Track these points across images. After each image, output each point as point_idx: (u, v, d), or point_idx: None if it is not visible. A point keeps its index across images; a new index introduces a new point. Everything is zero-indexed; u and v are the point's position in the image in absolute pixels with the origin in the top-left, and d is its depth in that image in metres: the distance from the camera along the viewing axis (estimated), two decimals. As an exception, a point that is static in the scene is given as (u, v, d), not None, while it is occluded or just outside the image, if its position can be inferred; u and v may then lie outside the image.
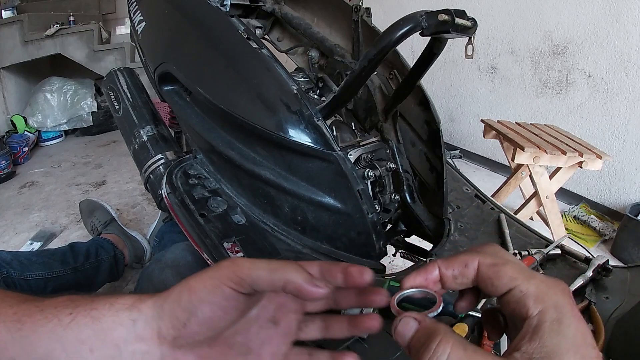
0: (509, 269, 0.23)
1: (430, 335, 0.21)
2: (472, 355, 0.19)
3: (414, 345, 0.22)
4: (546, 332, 0.20)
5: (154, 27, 0.83)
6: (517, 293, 0.22)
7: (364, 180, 0.62)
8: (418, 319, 0.23)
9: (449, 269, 0.25)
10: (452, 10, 0.47)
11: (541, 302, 0.21)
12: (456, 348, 0.20)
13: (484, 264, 0.24)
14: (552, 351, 0.19)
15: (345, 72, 0.73)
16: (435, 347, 0.20)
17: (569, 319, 0.20)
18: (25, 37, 2.68)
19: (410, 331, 0.22)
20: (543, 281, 0.22)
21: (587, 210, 1.71)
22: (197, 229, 0.56)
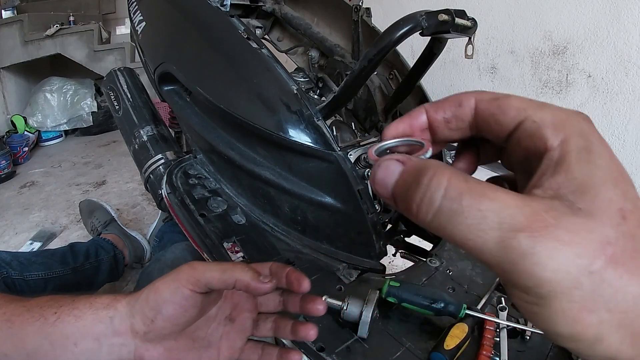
0: (514, 100, 0.18)
1: (420, 171, 0.16)
2: (476, 187, 0.15)
3: (399, 191, 0.17)
4: (574, 162, 0.15)
5: (154, 27, 0.83)
6: (529, 125, 0.17)
7: (364, 180, 0.62)
8: (402, 160, 0.17)
9: (439, 112, 0.20)
10: (452, 10, 0.47)
11: (562, 129, 0.16)
12: (456, 179, 0.15)
13: (482, 100, 0.19)
14: (585, 183, 0.15)
15: (345, 72, 0.73)
16: (427, 182, 0.16)
17: (600, 147, 0.16)
18: (25, 37, 2.68)
19: (394, 175, 0.17)
20: (559, 109, 0.17)
21: (587, 210, 1.71)
22: (197, 229, 0.56)
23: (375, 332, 0.46)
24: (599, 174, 0.15)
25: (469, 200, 0.15)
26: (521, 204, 0.14)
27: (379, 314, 0.49)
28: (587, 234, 0.14)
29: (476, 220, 0.14)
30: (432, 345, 0.46)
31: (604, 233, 0.14)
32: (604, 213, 0.14)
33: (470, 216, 0.14)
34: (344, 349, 0.43)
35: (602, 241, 0.14)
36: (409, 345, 0.46)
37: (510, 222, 0.14)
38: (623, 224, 0.14)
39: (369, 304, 0.45)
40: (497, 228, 0.14)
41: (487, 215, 0.14)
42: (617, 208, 0.14)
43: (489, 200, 0.14)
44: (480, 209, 0.14)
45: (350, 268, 0.57)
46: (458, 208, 0.15)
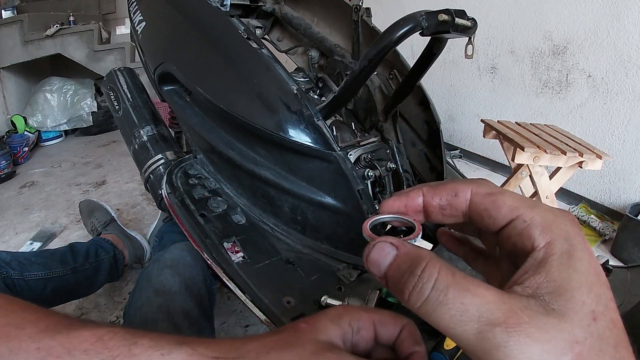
0: (508, 198, 0.19)
1: (414, 260, 0.18)
2: (461, 281, 0.16)
3: (392, 275, 0.18)
4: (555, 265, 0.17)
5: (154, 27, 0.83)
6: (519, 223, 0.18)
7: (364, 180, 0.62)
8: (395, 244, 0.19)
9: (436, 198, 0.21)
10: (452, 10, 0.47)
11: (549, 232, 0.18)
12: (444, 272, 0.17)
13: (478, 194, 0.20)
14: (561, 286, 0.16)
15: (345, 72, 0.73)
16: (420, 273, 0.17)
17: (581, 253, 0.17)
18: (25, 37, 2.68)
19: (388, 258, 0.18)
20: (549, 210, 0.19)
21: (587, 210, 1.71)
22: (197, 229, 0.56)
23: (375, 332, 0.46)
24: (576, 278, 0.16)
25: (454, 294, 0.16)
26: (499, 301, 0.16)
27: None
28: (557, 333, 0.15)
29: (459, 312, 0.16)
30: (432, 345, 0.46)
31: (574, 333, 0.15)
32: (575, 314, 0.16)
33: (454, 308, 0.16)
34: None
35: (571, 340, 0.15)
36: (409, 345, 0.46)
37: (488, 316, 0.15)
38: (593, 325, 0.16)
39: (369, 304, 0.45)
40: (476, 321, 0.16)
41: (469, 308, 0.16)
42: (589, 310, 0.16)
43: (471, 295, 0.16)
44: (462, 302, 0.16)
45: (350, 268, 0.57)
46: (444, 299, 0.16)
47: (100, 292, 1.11)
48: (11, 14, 2.90)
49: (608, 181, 1.68)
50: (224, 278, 0.50)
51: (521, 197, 0.19)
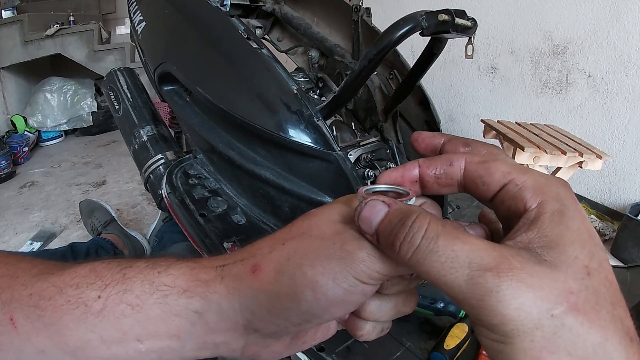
0: (500, 164, 0.19)
1: (405, 214, 0.18)
2: (451, 230, 0.17)
3: (383, 230, 0.18)
4: (546, 223, 0.17)
5: (154, 27, 0.83)
6: (512, 187, 0.19)
7: (364, 180, 0.62)
8: (387, 202, 0.19)
9: (431, 168, 0.21)
10: (452, 10, 0.47)
11: (540, 193, 0.18)
12: (434, 222, 0.17)
13: (472, 162, 0.20)
14: (553, 241, 0.16)
15: (345, 72, 0.73)
16: (410, 224, 0.17)
17: (573, 212, 0.17)
18: (25, 37, 2.68)
19: (379, 215, 0.19)
20: (541, 174, 0.19)
21: (587, 210, 1.71)
22: (197, 229, 0.56)
23: (375, 332, 0.46)
24: (568, 234, 0.16)
25: (444, 241, 0.16)
26: (490, 248, 0.16)
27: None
28: (550, 281, 0.15)
29: (449, 259, 0.16)
30: (432, 345, 0.46)
31: (567, 284, 0.15)
32: (568, 267, 0.15)
33: (444, 255, 0.16)
34: (344, 349, 0.44)
35: (565, 290, 0.15)
36: (409, 345, 0.46)
37: (479, 262, 0.15)
38: (587, 279, 0.15)
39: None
40: (466, 267, 0.16)
41: (459, 255, 0.16)
42: (582, 265, 0.16)
43: (461, 242, 0.16)
44: (453, 249, 0.16)
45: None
46: (434, 247, 0.16)
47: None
48: (11, 14, 2.90)
49: (608, 181, 1.68)
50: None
51: (514, 163, 0.20)
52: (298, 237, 0.21)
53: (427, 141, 0.24)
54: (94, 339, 0.21)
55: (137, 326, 0.21)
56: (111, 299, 0.21)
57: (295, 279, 0.20)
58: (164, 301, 0.21)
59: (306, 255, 0.20)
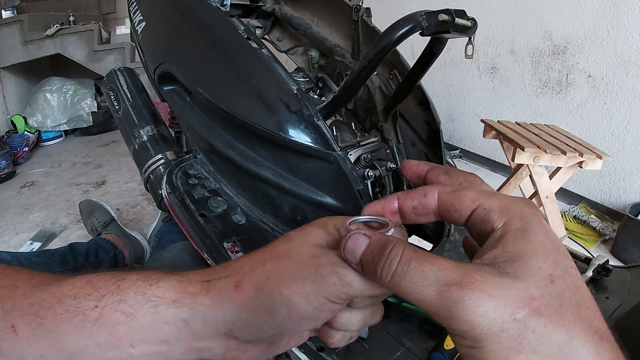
0: (469, 192, 0.22)
1: (383, 244, 0.20)
2: (422, 255, 0.19)
3: (366, 259, 0.21)
4: (510, 239, 0.19)
5: (154, 27, 0.83)
6: (480, 211, 0.21)
7: (364, 180, 0.62)
8: (368, 234, 0.22)
9: (408, 200, 0.24)
10: (452, 10, 0.47)
11: (505, 214, 0.20)
12: (407, 250, 0.20)
13: (444, 192, 0.23)
14: (516, 255, 0.18)
15: (345, 72, 0.73)
16: (388, 252, 0.20)
17: (536, 227, 0.19)
18: (25, 37, 2.68)
19: (361, 247, 0.21)
20: (506, 197, 0.21)
21: (587, 210, 1.71)
22: (197, 229, 0.56)
23: (375, 332, 0.46)
24: (530, 248, 0.18)
25: (415, 264, 0.19)
26: (455, 267, 0.18)
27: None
28: (512, 290, 0.17)
29: (420, 279, 0.18)
30: (432, 345, 0.46)
31: (530, 291, 0.17)
32: (531, 277, 0.17)
33: (416, 276, 0.19)
34: (344, 349, 0.43)
35: (527, 297, 0.17)
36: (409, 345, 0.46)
37: (445, 279, 0.18)
38: (550, 286, 0.17)
39: (369, 304, 0.45)
40: (435, 283, 0.18)
41: (428, 274, 0.18)
42: (545, 274, 0.17)
43: (429, 264, 0.19)
44: (423, 270, 0.18)
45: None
46: (407, 270, 0.19)
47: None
48: (11, 14, 2.90)
49: (608, 181, 1.68)
50: (224, 278, 0.50)
51: (482, 190, 0.22)
52: (278, 258, 0.24)
53: (413, 169, 0.27)
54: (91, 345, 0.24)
55: (130, 332, 0.24)
56: (107, 308, 0.24)
57: (273, 296, 0.22)
58: (155, 310, 0.24)
59: (284, 276, 0.23)
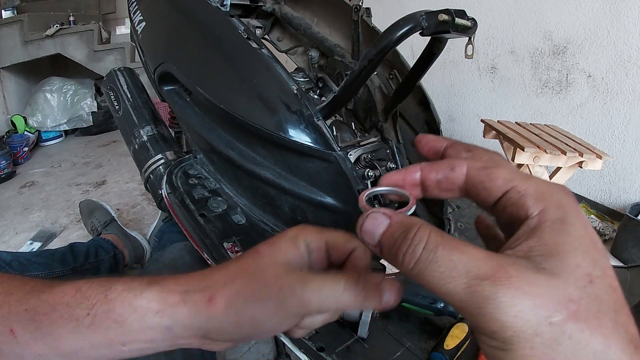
0: (502, 171, 0.19)
1: (406, 227, 0.19)
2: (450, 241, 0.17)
3: (386, 241, 0.19)
4: (547, 231, 0.17)
5: (154, 27, 0.83)
6: (514, 194, 0.19)
7: (364, 180, 0.62)
8: (388, 214, 0.20)
9: (433, 172, 0.21)
10: (452, 10, 0.47)
11: (542, 200, 0.18)
12: (434, 234, 0.18)
13: (474, 167, 0.20)
14: (554, 249, 0.16)
15: (345, 72, 0.73)
16: (412, 236, 0.18)
17: (575, 219, 0.17)
18: (25, 37, 2.68)
19: (381, 227, 0.20)
20: (543, 181, 0.19)
21: (587, 210, 1.71)
22: (197, 229, 0.56)
23: (375, 332, 0.46)
24: (569, 242, 0.16)
25: (442, 252, 0.17)
26: (487, 258, 0.16)
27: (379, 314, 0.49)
28: (549, 289, 0.15)
29: (448, 269, 0.16)
30: (432, 345, 0.46)
31: (568, 291, 0.15)
32: (569, 275, 0.16)
33: (443, 265, 0.17)
34: (344, 349, 0.44)
35: (565, 298, 0.15)
36: (409, 345, 0.46)
37: (476, 271, 0.16)
38: (589, 286, 0.15)
39: (369, 304, 0.45)
40: (464, 276, 0.16)
41: (457, 264, 0.16)
42: (584, 273, 0.16)
43: (459, 253, 0.17)
44: (451, 259, 0.17)
45: (350, 268, 0.57)
46: (433, 258, 0.17)
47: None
48: (11, 14, 2.90)
49: (608, 181, 1.68)
50: (224, 278, 0.50)
51: (516, 170, 0.20)
52: (246, 277, 0.26)
53: (430, 144, 0.24)
54: (86, 345, 0.27)
55: (121, 336, 0.26)
56: (98, 316, 0.26)
57: (240, 313, 0.25)
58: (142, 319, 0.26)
59: (250, 295, 0.25)
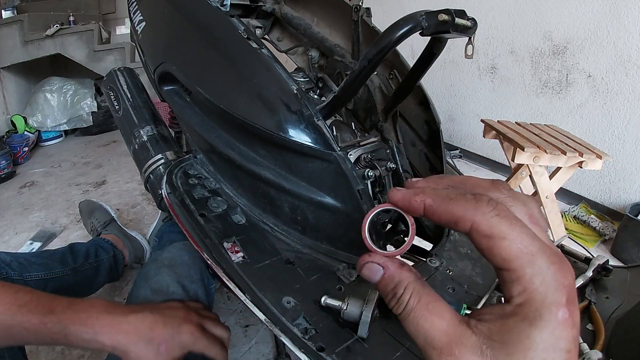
0: (504, 247, 0.20)
1: (396, 285, 0.23)
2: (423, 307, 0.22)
3: (381, 288, 0.24)
4: (511, 325, 0.19)
5: (154, 27, 0.83)
6: (507, 275, 0.20)
7: (364, 180, 0.62)
8: (382, 265, 0.24)
9: (436, 214, 0.22)
10: (452, 10, 0.47)
11: (525, 296, 0.19)
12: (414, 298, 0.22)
13: (477, 232, 0.20)
14: (507, 344, 0.19)
15: (345, 72, 0.73)
16: (399, 296, 0.23)
17: (545, 322, 0.19)
18: (25, 37, 2.68)
19: (376, 276, 0.24)
20: (542, 271, 0.19)
21: (587, 210, 1.71)
22: (197, 229, 0.56)
23: (375, 332, 0.46)
24: (525, 343, 0.19)
25: (413, 317, 0.22)
26: (444, 332, 0.21)
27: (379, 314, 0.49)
28: None
29: (415, 329, 0.22)
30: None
31: None
32: None
33: (412, 325, 0.22)
34: (344, 349, 0.43)
35: None
36: (409, 345, 0.46)
37: (430, 341, 0.21)
38: None
39: (369, 304, 0.45)
40: (423, 339, 0.21)
41: (420, 330, 0.22)
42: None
43: (424, 321, 0.21)
44: (418, 324, 0.22)
45: (350, 268, 0.57)
46: (408, 318, 0.22)
47: (100, 293, 1.11)
48: (11, 14, 2.91)
49: (608, 181, 1.68)
50: (224, 278, 0.50)
51: (519, 245, 0.20)
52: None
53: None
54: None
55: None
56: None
57: None
58: None
59: None
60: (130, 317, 0.49)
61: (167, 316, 0.53)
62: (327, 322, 0.46)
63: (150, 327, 0.50)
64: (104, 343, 0.47)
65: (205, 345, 0.54)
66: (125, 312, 0.50)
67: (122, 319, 0.49)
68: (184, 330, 0.52)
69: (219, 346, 0.56)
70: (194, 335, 0.53)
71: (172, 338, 0.51)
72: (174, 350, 0.51)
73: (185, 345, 0.52)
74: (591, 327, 0.51)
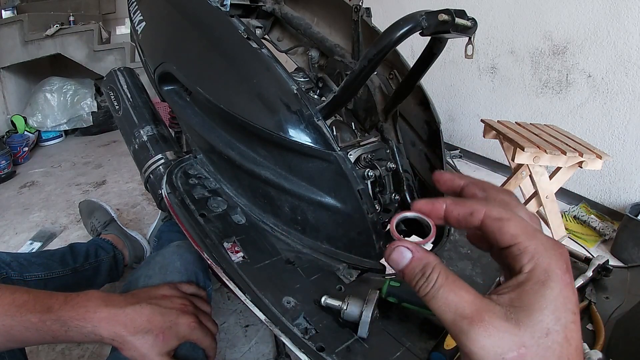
0: (512, 226, 0.24)
1: (424, 265, 0.25)
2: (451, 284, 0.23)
3: (408, 272, 0.25)
4: (528, 288, 0.22)
5: (154, 27, 0.83)
6: (515, 250, 0.23)
7: (364, 180, 0.62)
8: (411, 248, 0.26)
9: (455, 211, 0.27)
10: (452, 10, 0.47)
11: (534, 262, 0.23)
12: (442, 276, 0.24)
13: (489, 217, 0.25)
14: (527, 305, 0.22)
15: (345, 72, 0.73)
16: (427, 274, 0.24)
17: (554, 283, 0.22)
18: (25, 37, 2.68)
19: (404, 260, 0.25)
20: (542, 243, 0.23)
21: (587, 210, 1.71)
22: (197, 228, 0.56)
23: (375, 332, 0.46)
24: (541, 302, 0.21)
25: (443, 292, 0.23)
26: (472, 302, 0.22)
27: (379, 314, 0.49)
28: (509, 335, 0.21)
29: (444, 304, 0.23)
30: (432, 345, 0.46)
31: (523, 339, 0.21)
32: (529, 327, 0.21)
33: (441, 300, 0.23)
34: (344, 349, 0.43)
35: (519, 343, 0.21)
36: (409, 345, 0.46)
37: (461, 311, 0.22)
38: (544, 338, 0.21)
39: (369, 304, 0.45)
40: (453, 312, 0.23)
41: (450, 303, 0.23)
42: (544, 327, 0.21)
43: (453, 294, 0.23)
44: (447, 298, 0.23)
45: (350, 268, 0.57)
46: (437, 294, 0.24)
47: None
48: (11, 14, 2.91)
49: (608, 181, 1.68)
50: (224, 278, 0.50)
51: (524, 225, 0.24)
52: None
53: (448, 184, 0.30)
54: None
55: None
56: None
57: None
58: None
59: None
60: (127, 309, 0.50)
61: (164, 307, 0.53)
62: (327, 322, 0.46)
63: (148, 319, 0.50)
64: (102, 335, 0.48)
65: (200, 336, 0.55)
66: (122, 304, 0.50)
67: (119, 311, 0.49)
68: (181, 322, 0.53)
69: (211, 338, 0.57)
70: (190, 327, 0.54)
71: (170, 329, 0.51)
72: (171, 341, 0.51)
73: (182, 335, 0.53)
74: (591, 327, 0.51)
